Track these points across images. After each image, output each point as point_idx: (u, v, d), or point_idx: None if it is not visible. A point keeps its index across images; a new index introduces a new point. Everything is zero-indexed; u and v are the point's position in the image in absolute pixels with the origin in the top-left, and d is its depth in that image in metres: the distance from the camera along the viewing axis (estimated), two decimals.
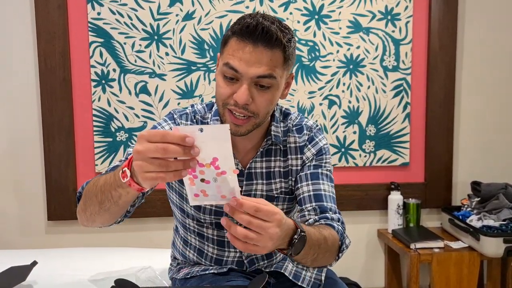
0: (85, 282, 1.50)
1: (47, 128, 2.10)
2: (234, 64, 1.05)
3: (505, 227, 2.01)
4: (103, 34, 2.09)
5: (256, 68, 1.04)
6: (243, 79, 1.06)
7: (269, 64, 1.05)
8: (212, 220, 1.24)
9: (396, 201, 2.24)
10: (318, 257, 1.05)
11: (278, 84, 1.10)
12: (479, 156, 2.38)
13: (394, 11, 2.22)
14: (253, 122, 1.11)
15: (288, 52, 1.08)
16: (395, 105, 2.28)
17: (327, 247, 1.07)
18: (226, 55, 1.08)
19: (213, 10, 2.12)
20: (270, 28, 1.04)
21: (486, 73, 2.35)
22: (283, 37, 1.06)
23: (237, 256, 1.28)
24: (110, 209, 0.99)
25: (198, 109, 1.25)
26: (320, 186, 1.20)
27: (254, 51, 1.04)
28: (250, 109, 1.08)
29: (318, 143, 1.25)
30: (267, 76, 1.06)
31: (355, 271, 2.37)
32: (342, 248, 1.14)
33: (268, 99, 1.09)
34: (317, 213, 1.17)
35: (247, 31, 1.04)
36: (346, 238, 1.16)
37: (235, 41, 1.06)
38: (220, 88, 1.10)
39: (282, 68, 1.09)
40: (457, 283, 2.04)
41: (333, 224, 1.14)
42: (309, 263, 1.06)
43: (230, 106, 1.09)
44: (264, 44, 1.04)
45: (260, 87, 1.07)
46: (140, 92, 2.13)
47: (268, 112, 1.13)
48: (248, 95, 1.06)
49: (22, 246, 2.13)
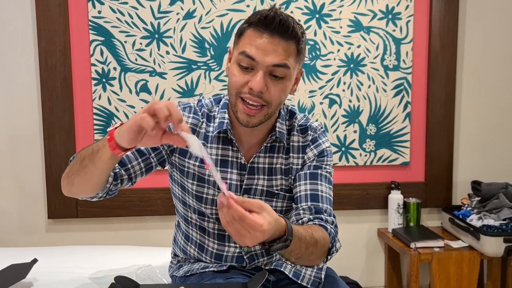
0: (85, 280, 1.50)
1: (48, 127, 2.10)
2: (251, 52, 1.08)
3: (505, 226, 2.01)
4: (104, 32, 2.09)
5: (272, 57, 1.08)
6: (258, 67, 1.09)
7: (284, 54, 1.08)
8: (213, 211, 1.25)
9: (397, 200, 2.24)
10: (302, 258, 1.06)
11: (291, 75, 1.13)
12: (480, 156, 2.38)
13: (395, 10, 2.22)
14: (266, 112, 1.13)
15: (301, 45, 1.12)
16: (396, 105, 2.27)
17: (315, 250, 1.07)
18: (242, 45, 1.10)
19: (214, 9, 2.12)
20: (288, 20, 1.08)
21: (487, 72, 2.35)
22: (298, 30, 1.10)
23: (237, 252, 1.29)
24: (87, 166, 1.03)
25: (206, 102, 1.27)
26: (318, 186, 1.21)
27: (271, 41, 1.07)
28: (264, 98, 1.11)
29: (321, 144, 1.26)
30: (282, 65, 1.09)
31: (355, 270, 2.37)
32: (331, 251, 1.14)
33: (281, 89, 1.12)
34: (312, 213, 1.17)
35: (265, 21, 1.08)
36: (337, 242, 1.16)
37: (252, 31, 1.10)
38: (234, 77, 1.12)
39: (295, 60, 1.12)
40: (457, 282, 2.04)
41: (327, 226, 1.14)
42: (293, 260, 1.08)
43: (244, 94, 1.11)
44: (280, 35, 1.08)
45: (274, 77, 1.10)
46: (141, 90, 2.14)
47: (280, 103, 1.15)
48: (264, 83, 1.09)
49: (22, 244, 2.13)
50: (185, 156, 1.23)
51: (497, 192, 2.14)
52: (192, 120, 1.23)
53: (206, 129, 1.23)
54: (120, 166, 1.17)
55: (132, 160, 1.18)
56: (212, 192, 1.23)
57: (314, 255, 1.08)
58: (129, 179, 1.19)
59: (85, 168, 1.04)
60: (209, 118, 1.24)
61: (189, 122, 1.22)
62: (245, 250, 1.28)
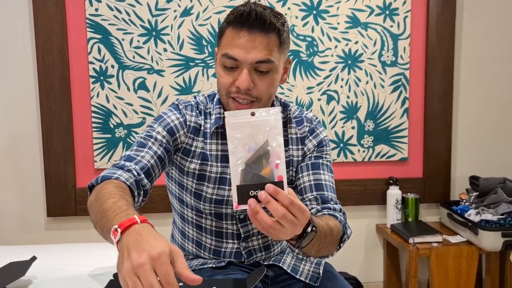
0: (84, 277, 1.50)
1: (46, 125, 2.10)
2: (233, 53, 1.08)
3: (503, 221, 2.01)
4: (101, 30, 2.09)
5: (254, 54, 1.08)
6: (242, 65, 1.09)
7: (266, 48, 1.08)
8: (212, 210, 1.25)
9: (395, 196, 2.25)
10: (321, 248, 1.06)
11: (277, 67, 1.13)
12: (478, 151, 2.39)
13: (392, 6, 2.22)
14: (257, 107, 1.13)
15: (283, 36, 1.11)
16: (394, 100, 2.28)
17: (332, 238, 1.08)
18: (224, 46, 1.11)
19: (211, 6, 2.12)
20: (264, 13, 1.07)
21: (485, 67, 2.35)
22: (277, 22, 1.09)
23: (235, 247, 1.29)
24: (102, 235, 0.93)
25: (200, 100, 1.27)
26: (321, 176, 1.22)
27: (250, 37, 1.07)
28: (253, 94, 1.11)
29: (319, 135, 1.27)
30: (265, 61, 1.09)
31: (354, 265, 2.38)
32: (343, 239, 1.15)
33: (268, 82, 1.12)
34: (319, 203, 1.18)
35: (242, 18, 1.07)
36: (348, 229, 1.17)
37: (231, 31, 1.09)
38: (221, 78, 1.13)
39: (279, 52, 1.12)
40: (456, 277, 2.05)
41: (336, 215, 1.15)
42: (313, 253, 1.07)
43: (233, 94, 1.12)
44: (259, 29, 1.07)
45: (259, 72, 1.11)
46: (139, 88, 2.14)
47: (270, 96, 1.16)
48: (250, 80, 1.09)
49: (21, 242, 2.14)
50: (189, 155, 1.23)
51: (495, 187, 2.15)
52: (195, 118, 1.23)
53: (204, 126, 1.24)
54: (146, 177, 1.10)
55: (155, 169, 1.14)
56: (211, 191, 1.23)
57: (331, 244, 1.09)
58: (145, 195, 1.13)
59: (100, 234, 0.94)
60: (205, 115, 1.24)
61: (192, 121, 1.22)
62: (243, 245, 1.28)
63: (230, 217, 1.25)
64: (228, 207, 1.24)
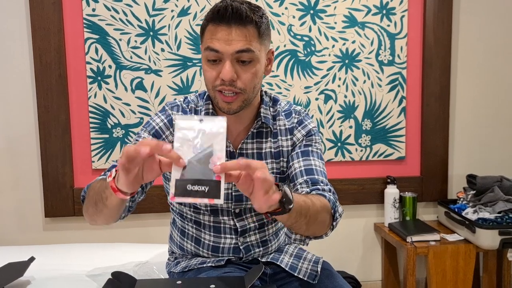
0: (82, 277, 1.50)
1: (43, 125, 2.10)
2: (214, 45, 1.12)
3: (501, 219, 2.02)
4: (99, 30, 2.09)
5: (235, 44, 1.11)
6: (224, 57, 1.12)
7: (245, 39, 1.12)
8: (208, 206, 1.27)
9: (393, 194, 2.25)
10: (310, 222, 1.06)
11: (259, 58, 1.16)
12: (475, 150, 2.39)
13: (389, 6, 2.22)
14: (242, 98, 1.17)
15: (261, 28, 1.15)
16: (391, 100, 2.28)
17: (317, 210, 1.08)
18: (206, 41, 1.15)
19: (208, 6, 2.12)
20: (240, 7, 1.11)
21: (482, 66, 2.36)
22: (253, 14, 1.13)
23: (233, 243, 1.30)
24: (103, 210, 1.04)
25: (192, 98, 1.31)
26: (311, 161, 1.24)
27: (229, 31, 1.11)
28: (238, 86, 1.14)
29: (307, 125, 1.30)
30: (245, 51, 1.12)
31: (352, 264, 2.39)
32: (335, 217, 1.16)
33: (252, 73, 1.15)
34: (309, 185, 1.20)
35: (219, 14, 1.11)
36: (338, 207, 1.18)
37: (211, 27, 1.14)
38: (206, 73, 1.17)
39: (259, 42, 1.15)
40: (454, 275, 2.05)
41: (324, 194, 1.17)
42: (304, 228, 1.07)
43: (219, 87, 1.15)
44: (236, 23, 1.11)
45: (242, 62, 1.14)
46: (136, 88, 2.14)
47: (254, 87, 1.18)
48: (232, 71, 1.13)
49: (19, 243, 2.13)
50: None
51: (492, 185, 2.15)
52: None
53: None
54: None
55: None
56: None
57: (322, 223, 1.10)
58: (142, 191, 1.21)
59: (102, 211, 1.05)
60: (196, 112, 1.28)
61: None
62: (241, 240, 1.29)
63: (226, 212, 1.28)
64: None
